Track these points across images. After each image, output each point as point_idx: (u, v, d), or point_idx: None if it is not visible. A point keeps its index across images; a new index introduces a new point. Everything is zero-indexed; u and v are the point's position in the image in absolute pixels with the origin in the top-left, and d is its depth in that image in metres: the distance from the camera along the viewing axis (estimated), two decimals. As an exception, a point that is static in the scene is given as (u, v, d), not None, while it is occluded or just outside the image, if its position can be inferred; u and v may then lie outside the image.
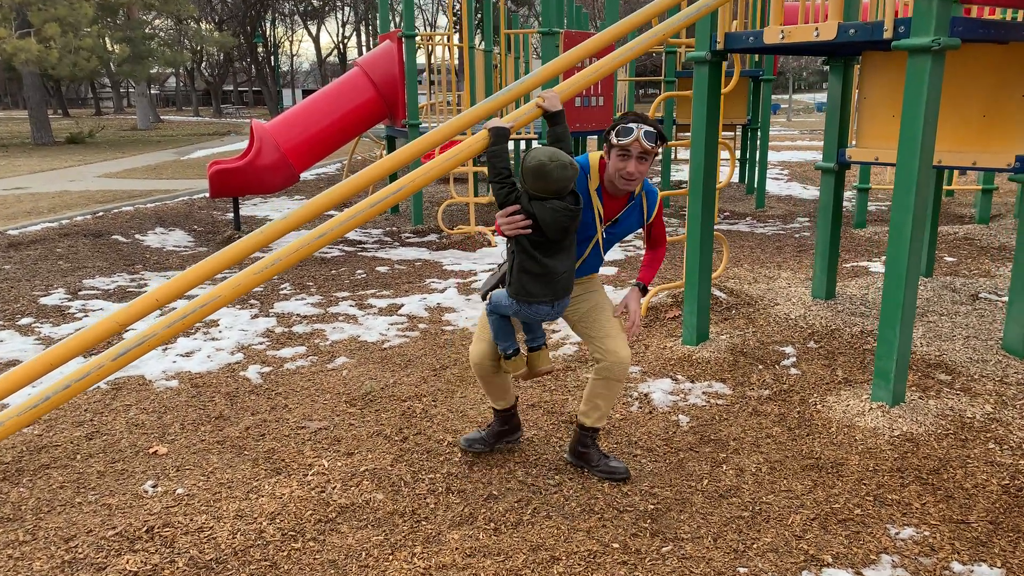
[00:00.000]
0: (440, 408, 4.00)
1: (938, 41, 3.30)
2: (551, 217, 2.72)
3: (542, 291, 2.95)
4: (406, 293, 6.17)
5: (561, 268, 2.96)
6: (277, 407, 4.05)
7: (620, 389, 3.24)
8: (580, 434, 3.32)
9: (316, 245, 2.48)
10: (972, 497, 3.07)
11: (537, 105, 2.90)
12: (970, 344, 4.58)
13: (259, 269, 2.38)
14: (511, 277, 2.98)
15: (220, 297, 2.34)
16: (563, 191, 2.73)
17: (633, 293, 3.23)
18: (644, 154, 2.91)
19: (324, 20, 51.77)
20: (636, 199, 3.12)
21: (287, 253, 2.43)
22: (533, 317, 3.05)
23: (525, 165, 2.70)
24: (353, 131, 8.94)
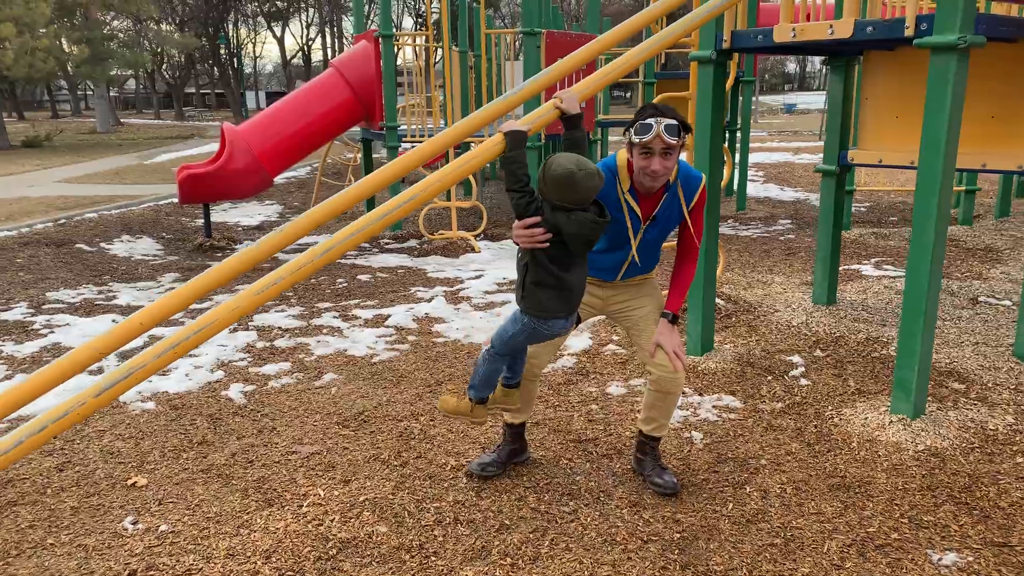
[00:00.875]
0: (439, 428, 3.77)
1: (964, 38, 3.15)
2: (576, 229, 2.52)
3: (558, 306, 2.75)
4: (391, 303, 5.92)
5: (577, 282, 2.77)
6: (264, 430, 3.79)
7: (675, 400, 3.13)
8: (639, 440, 3.26)
9: (323, 261, 2.25)
10: (1010, 517, 2.93)
11: (555, 107, 2.69)
12: (980, 351, 4.47)
13: (260, 289, 2.14)
14: (523, 292, 2.77)
15: (217, 321, 2.09)
16: (588, 201, 2.53)
17: (663, 328, 3.03)
18: (668, 149, 2.73)
19: (288, 22, 51.13)
20: (672, 188, 2.91)
21: (290, 271, 2.19)
22: (546, 334, 2.85)
23: (549, 173, 2.48)
24: (329, 133, 8.66)
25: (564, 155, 2.53)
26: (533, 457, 3.45)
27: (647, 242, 3.04)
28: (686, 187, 2.95)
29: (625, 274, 3.12)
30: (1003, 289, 5.86)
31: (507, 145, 2.55)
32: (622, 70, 2.94)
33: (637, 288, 3.17)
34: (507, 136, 2.56)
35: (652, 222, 2.99)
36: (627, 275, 3.12)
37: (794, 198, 11.70)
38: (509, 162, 2.53)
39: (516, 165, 2.53)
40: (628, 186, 2.92)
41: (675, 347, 3.00)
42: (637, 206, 2.95)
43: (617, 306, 3.19)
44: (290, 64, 53.47)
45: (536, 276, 2.69)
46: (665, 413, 3.16)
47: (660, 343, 3.01)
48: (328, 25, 51.29)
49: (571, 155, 2.53)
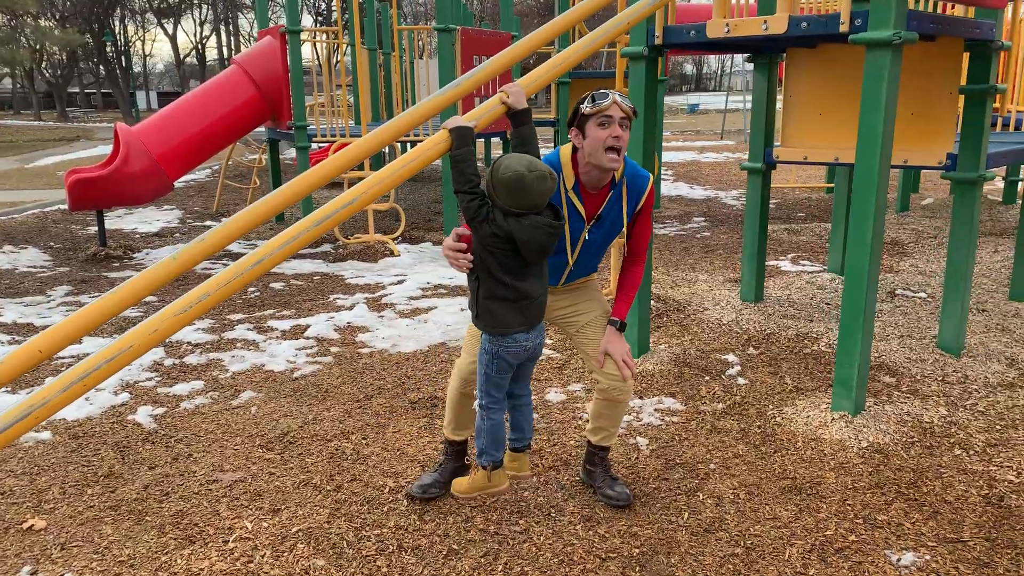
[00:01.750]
0: (373, 447, 3.53)
1: (899, 34, 3.16)
2: (530, 236, 2.34)
3: (516, 319, 2.56)
4: (309, 312, 5.61)
5: (536, 292, 2.58)
6: (179, 457, 3.46)
7: (624, 409, 3.00)
8: (588, 450, 3.12)
9: (254, 274, 2.00)
10: (958, 511, 2.94)
11: (501, 101, 2.51)
12: (905, 344, 4.55)
13: (181, 309, 1.88)
14: (477, 309, 2.57)
15: (134, 347, 1.82)
16: (541, 205, 2.37)
17: (611, 336, 2.89)
18: (625, 118, 2.60)
19: (180, 19, 49.03)
20: (617, 187, 2.76)
21: (216, 286, 1.93)
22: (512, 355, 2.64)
23: (497, 177, 2.30)
24: (233, 134, 8.21)
25: (513, 156, 2.36)
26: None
27: (590, 245, 2.89)
28: (632, 187, 2.81)
29: (568, 278, 2.97)
30: (915, 282, 6.04)
31: (453, 142, 2.36)
32: (569, 63, 2.79)
33: (579, 292, 3.03)
34: (452, 133, 2.36)
35: (596, 222, 2.84)
36: (569, 279, 2.98)
37: (704, 196, 11.89)
38: (456, 161, 2.34)
39: (464, 164, 2.34)
40: (572, 183, 2.75)
41: (623, 355, 2.87)
42: (581, 205, 2.79)
43: (560, 311, 3.04)
44: (184, 63, 51.30)
45: (489, 288, 2.51)
46: (614, 422, 3.03)
47: (608, 351, 2.87)
48: (223, 23, 49.48)
49: (521, 156, 2.36)
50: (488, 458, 2.79)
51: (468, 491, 2.86)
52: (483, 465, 2.80)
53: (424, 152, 2.31)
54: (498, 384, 2.72)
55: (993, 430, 3.55)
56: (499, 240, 2.38)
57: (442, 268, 6.93)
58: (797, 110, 4.71)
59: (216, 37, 51.24)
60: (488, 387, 2.72)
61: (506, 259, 2.41)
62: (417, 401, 4.02)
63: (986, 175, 4.11)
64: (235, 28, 49.75)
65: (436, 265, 7.09)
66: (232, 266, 1.99)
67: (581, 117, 2.61)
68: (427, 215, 9.81)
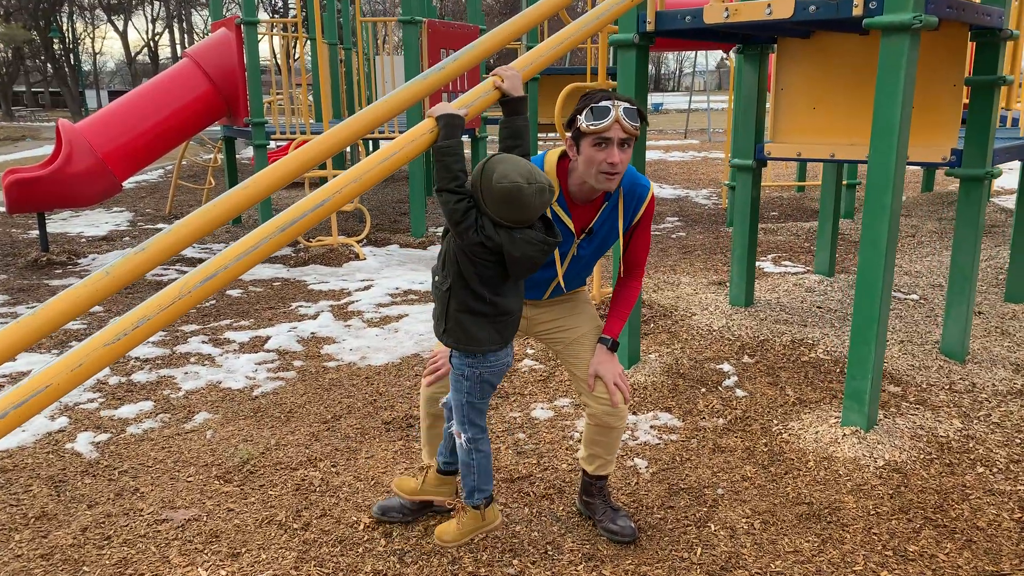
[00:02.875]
0: (344, 476, 3.17)
1: (920, 18, 2.89)
2: (522, 252, 2.04)
3: (491, 336, 2.25)
4: (270, 322, 5.20)
5: (514, 308, 2.29)
6: (124, 492, 3.06)
7: (620, 435, 2.70)
8: (584, 481, 2.80)
9: (205, 291, 1.64)
10: (992, 539, 2.68)
11: (495, 86, 2.17)
12: (907, 349, 4.32)
13: (113, 337, 1.51)
14: (446, 324, 2.25)
15: (48, 389, 1.44)
16: (534, 220, 2.06)
17: (602, 356, 2.59)
18: (627, 138, 2.28)
19: (131, 15, 47.72)
20: (612, 198, 2.47)
21: (158, 308, 1.57)
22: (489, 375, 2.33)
23: (493, 186, 1.97)
24: (186, 131, 7.74)
25: (508, 160, 2.02)
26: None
27: (579, 260, 2.60)
28: (629, 198, 2.51)
29: (553, 292, 2.67)
30: (903, 283, 5.85)
31: (440, 132, 2.02)
32: (567, 45, 2.47)
33: (566, 305, 2.72)
34: (440, 121, 2.02)
35: (587, 236, 2.55)
36: (555, 293, 2.68)
37: (675, 195, 11.68)
38: (443, 154, 2.00)
39: (451, 158, 2.00)
40: (558, 194, 2.45)
41: (615, 377, 2.56)
42: (569, 219, 2.49)
43: (544, 326, 2.72)
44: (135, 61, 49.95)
45: (463, 301, 2.19)
46: (609, 449, 2.72)
47: (598, 373, 2.57)
48: (176, 19, 48.29)
49: (517, 161, 2.03)
50: (481, 495, 2.48)
51: (459, 537, 2.52)
52: (475, 505, 2.47)
53: (407, 144, 1.97)
54: (482, 411, 2.43)
55: (1013, 444, 3.32)
56: (485, 251, 2.06)
57: (411, 272, 6.57)
58: (789, 103, 4.46)
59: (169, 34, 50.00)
60: (472, 416, 2.40)
61: (487, 271, 2.10)
62: (391, 421, 3.67)
63: (994, 172, 3.89)
64: (188, 25, 48.62)
65: (404, 269, 6.72)
66: (179, 282, 1.63)
67: (577, 130, 2.30)
68: (393, 216, 9.43)
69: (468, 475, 2.49)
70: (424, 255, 7.36)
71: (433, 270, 2.24)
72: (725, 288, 5.60)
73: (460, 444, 2.46)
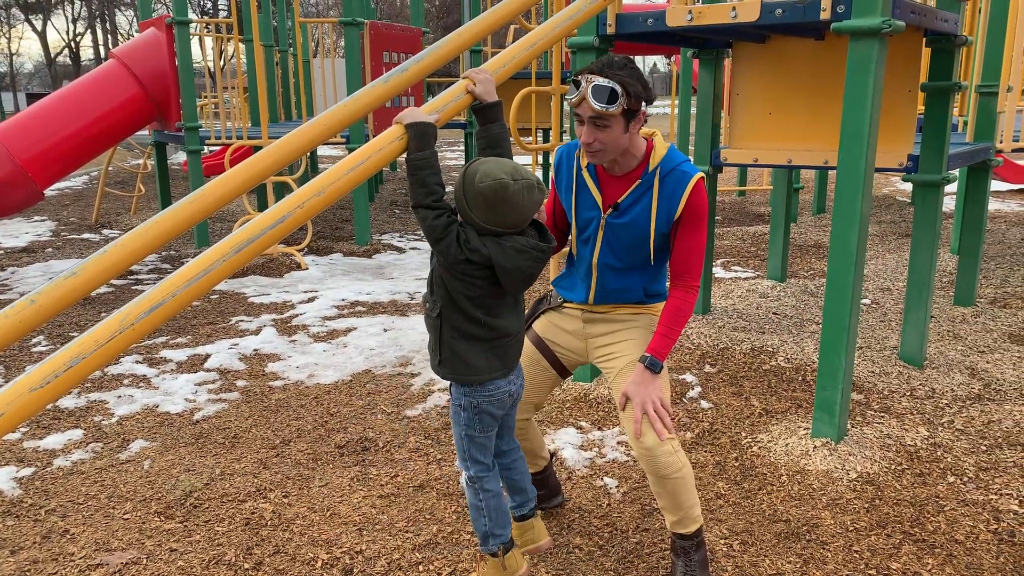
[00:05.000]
0: (297, 507, 2.96)
1: (888, 22, 2.84)
2: (514, 263, 1.86)
3: (490, 364, 2.07)
4: (209, 339, 4.92)
5: (513, 328, 2.10)
6: (52, 534, 2.78)
7: (676, 483, 2.27)
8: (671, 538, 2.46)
9: (151, 323, 1.43)
10: (972, 553, 2.63)
11: (467, 90, 2.01)
12: (865, 356, 4.31)
13: (41, 381, 1.29)
14: (441, 355, 2.06)
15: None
16: (525, 223, 1.89)
17: (637, 376, 2.27)
18: (598, 119, 2.11)
19: (50, 15, 45.81)
20: (648, 177, 2.24)
21: (94, 345, 1.35)
22: (493, 408, 2.15)
23: (475, 188, 1.81)
24: (114, 136, 7.34)
25: (491, 161, 1.86)
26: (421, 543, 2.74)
27: (612, 243, 2.34)
28: (666, 182, 2.25)
29: (598, 293, 2.42)
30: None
31: (410, 143, 1.85)
32: (540, 47, 2.32)
33: (624, 322, 2.44)
34: (410, 129, 1.85)
35: (615, 213, 2.30)
36: (602, 296, 2.42)
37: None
38: (416, 168, 1.83)
39: (426, 171, 1.83)
40: (588, 161, 2.29)
41: (647, 403, 2.22)
42: (597, 189, 2.30)
43: (598, 351, 2.46)
44: (55, 63, 47.95)
45: (456, 327, 2.00)
46: (672, 500, 2.31)
47: (628, 394, 2.26)
48: (99, 19, 46.55)
49: (501, 160, 1.87)
50: (497, 541, 2.25)
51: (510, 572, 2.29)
52: (491, 552, 2.26)
53: (374, 153, 1.79)
54: (484, 446, 2.21)
55: (979, 451, 3.30)
56: (473, 267, 1.89)
57: (357, 282, 6.33)
58: (745, 109, 4.40)
59: (91, 35, 48.15)
60: (473, 452, 2.20)
61: (478, 290, 1.92)
62: (344, 445, 3.46)
63: (949, 177, 3.90)
64: (112, 25, 46.93)
65: (349, 279, 6.48)
66: (119, 314, 1.42)
67: None
68: (334, 223, 9.14)
69: (479, 519, 2.26)
70: (369, 264, 7.12)
71: (423, 298, 2.05)
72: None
73: (464, 483, 2.27)
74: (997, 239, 7.41)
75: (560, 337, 2.54)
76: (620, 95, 2.08)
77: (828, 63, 3.98)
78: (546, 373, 2.57)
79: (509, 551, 2.25)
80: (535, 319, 2.61)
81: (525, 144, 4.56)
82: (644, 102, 2.16)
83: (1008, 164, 10.74)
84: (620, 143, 2.19)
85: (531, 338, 2.57)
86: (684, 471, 2.27)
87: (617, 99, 2.08)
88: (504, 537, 2.24)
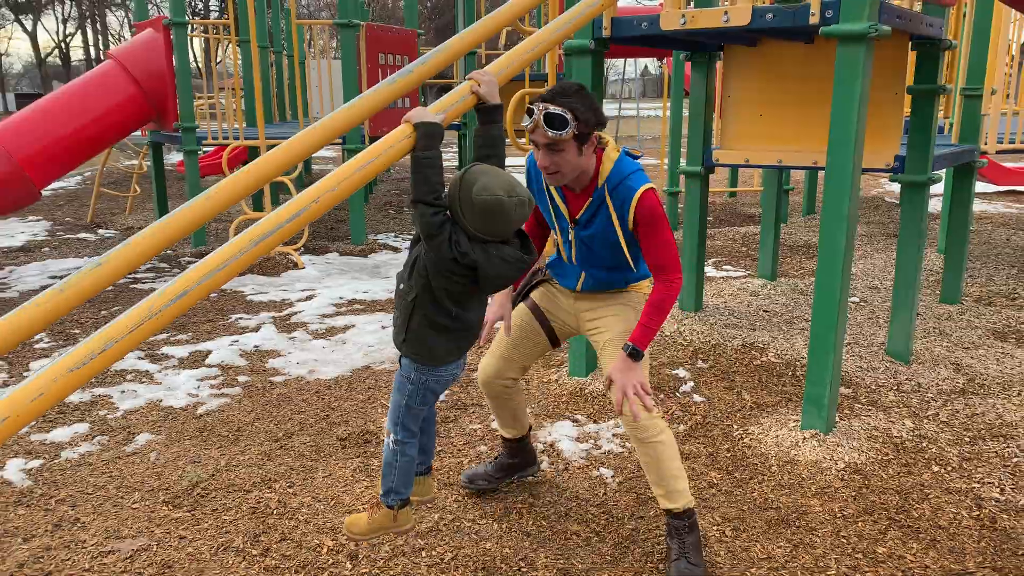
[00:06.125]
0: (302, 496, 3.03)
1: (875, 27, 2.95)
2: (498, 271, 1.99)
3: (450, 352, 2.22)
4: (209, 336, 4.99)
5: (476, 323, 2.27)
6: (64, 523, 2.86)
7: (661, 452, 2.48)
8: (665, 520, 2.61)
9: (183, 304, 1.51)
10: (955, 538, 2.74)
11: (472, 91, 2.10)
12: (853, 351, 4.42)
13: (79, 362, 1.37)
14: (406, 334, 2.18)
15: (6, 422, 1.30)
16: (510, 234, 2.01)
17: (619, 362, 2.45)
18: (552, 145, 2.29)
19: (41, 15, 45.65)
20: (598, 194, 2.44)
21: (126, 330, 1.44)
22: (438, 386, 2.30)
23: (472, 198, 1.91)
24: (111, 136, 7.39)
25: (490, 172, 1.97)
26: (432, 525, 2.83)
27: (586, 248, 2.58)
28: (615, 195, 2.45)
29: (586, 284, 2.66)
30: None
31: (419, 142, 1.94)
32: (540, 49, 2.41)
33: (607, 302, 2.67)
34: (419, 128, 1.94)
35: (579, 226, 2.54)
36: (589, 286, 2.67)
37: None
38: (422, 165, 1.92)
39: (431, 170, 1.92)
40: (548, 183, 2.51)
41: (627, 386, 2.43)
42: (563, 203, 2.54)
43: (585, 318, 2.71)
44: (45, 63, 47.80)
45: (427, 316, 2.12)
46: (656, 471, 2.50)
47: (611, 378, 2.48)
48: (89, 20, 46.42)
49: (499, 174, 1.98)
50: (396, 497, 2.41)
51: (367, 532, 2.43)
52: (389, 505, 2.40)
53: (385, 150, 1.88)
54: (417, 416, 2.39)
55: (963, 442, 3.41)
56: (458, 266, 1.99)
57: (354, 281, 6.41)
58: (736, 111, 4.50)
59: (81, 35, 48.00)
60: (407, 420, 2.35)
61: (457, 287, 2.04)
62: (346, 437, 3.54)
63: (934, 177, 4.01)
64: (103, 26, 46.82)
65: (346, 278, 6.56)
66: (147, 302, 1.50)
67: None
68: (329, 223, 9.20)
69: (388, 475, 2.42)
70: (365, 263, 7.20)
71: (398, 276, 2.16)
72: (672, 293, 5.64)
73: (387, 443, 2.39)
74: (983, 239, 7.54)
75: (556, 309, 2.78)
76: (570, 121, 2.24)
77: (817, 66, 4.08)
78: (539, 339, 2.80)
79: (404, 508, 2.40)
80: (531, 289, 2.84)
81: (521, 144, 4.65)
82: (596, 126, 2.33)
83: (994, 166, 10.90)
84: (575, 165, 2.37)
85: (528, 306, 2.81)
86: (664, 436, 2.50)
87: (567, 125, 2.25)
88: (404, 495, 2.39)
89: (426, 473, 2.55)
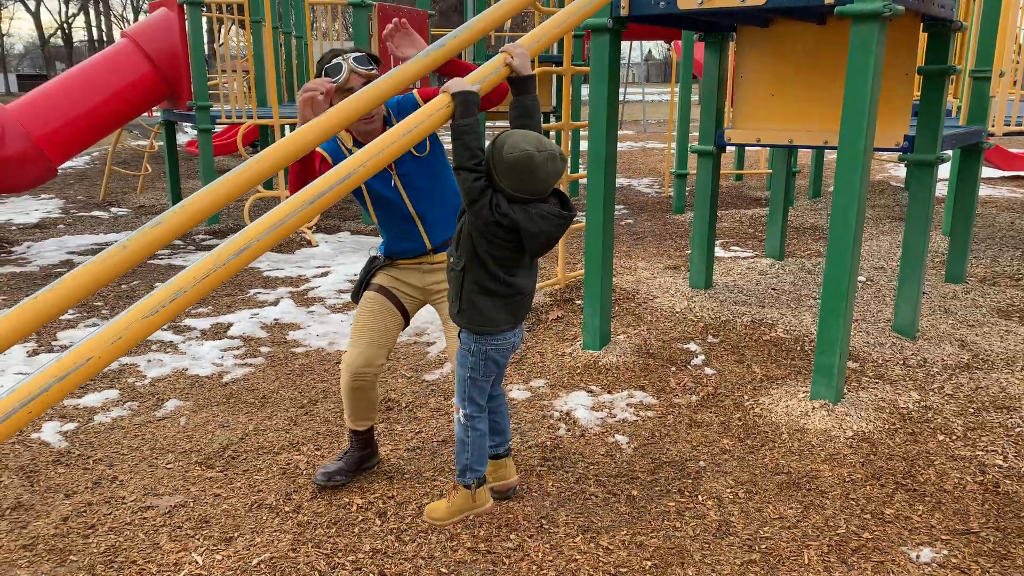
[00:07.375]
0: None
1: (889, 6, 3.03)
2: (539, 227, 2.08)
3: (505, 317, 2.31)
4: (229, 309, 5.09)
5: (528, 287, 2.36)
6: (102, 481, 2.97)
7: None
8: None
9: (244, 259, 1.61)
10: (960, 501, 2.85)
11: (506, 63, 2.19)
12: (861, 328, 4.52)
13: (151, 310, 1.47)
14: (460, 304, 2.27)
15: (90, 361, 1.40)
16: (549, 190, 2.10)
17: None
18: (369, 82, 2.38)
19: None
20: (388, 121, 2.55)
21: (193, 280, 1.54)
22: (501, 356, 2.39)
23: (504, 157, 2.00)
24: (126, 114, 7.47)
25: (518, 133, 2.06)
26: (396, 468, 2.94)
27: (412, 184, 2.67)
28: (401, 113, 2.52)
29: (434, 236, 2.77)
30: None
31: (457, 109, 2.03)
32: (569, 24, 2.50)
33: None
34: (456, 98, 2.03)
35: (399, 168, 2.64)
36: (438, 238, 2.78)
37: (617, 184, 11.85)
38: (461, 132, 2.02)
39: (471, 136, 2.02)
40: (351, 142, 2.59)
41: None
42: None
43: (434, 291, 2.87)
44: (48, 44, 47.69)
45: (478, 281, 2.22)
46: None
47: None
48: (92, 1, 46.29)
49: (527, 133, 2.07)
50: (473, 475, 2.52)
51: (448, 516, 2.55)
52: (466, 484, 2.50)
53: (425, 119, 1.97)
54: (483, 389, 2.47)
55: (967, 414, 3.51)
56: (501, 229, 2.09)
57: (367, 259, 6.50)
58: (748, 91, 4.58)
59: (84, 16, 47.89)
60: (473, 394, 2.45)
61: (502, 251, 2.13)
62: (369, 404, 3.65)
63: (943, 156, 4.09)
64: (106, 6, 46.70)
65: (359, 256, 6.66)
66: (212, 255, 1.61)
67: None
68: (340, 203, 9.30)
69: (462, 452, 2.53)
70: (377, 241, 7.28)
71: (447, 252, 2.26)
72: (681, 272, 5.74)
73: (457, 419, 2.49)
74: (988, 223, 7.62)
75: (403, 285, 2.88)
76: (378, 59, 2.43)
77: (828, 47, 4.16)
78: (394, 317, 2.85)
79: (481, 486, 2.50)
80: (372, 277, 2.93)
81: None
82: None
83: (1000, 151, 10.95)
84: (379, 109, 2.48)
85: (375, 289, 2.88)
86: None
87: (377, 62, 2.43)
88: (480, 473, 2.49)
89: (505, 455, 2.63)
